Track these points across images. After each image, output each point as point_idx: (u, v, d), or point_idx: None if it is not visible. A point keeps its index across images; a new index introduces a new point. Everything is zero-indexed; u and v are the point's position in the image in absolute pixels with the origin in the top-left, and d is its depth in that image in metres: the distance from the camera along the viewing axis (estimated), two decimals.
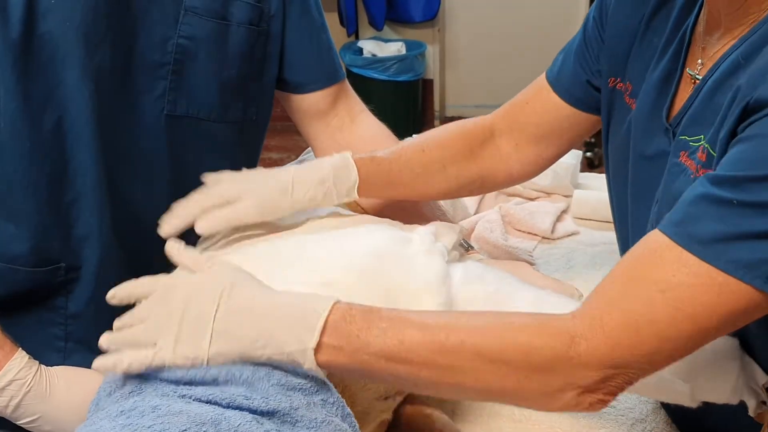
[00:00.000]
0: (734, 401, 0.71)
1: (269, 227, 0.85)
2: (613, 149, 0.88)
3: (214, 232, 0.81)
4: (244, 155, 1.00)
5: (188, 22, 0.88)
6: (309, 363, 0.62)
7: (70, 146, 0.83)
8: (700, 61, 0.73)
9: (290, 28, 0.98)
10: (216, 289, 0.65)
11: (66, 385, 0.80)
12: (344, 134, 1.05)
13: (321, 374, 0.64)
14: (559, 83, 0.94)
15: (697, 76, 0.73)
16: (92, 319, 0.89)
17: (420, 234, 0.79)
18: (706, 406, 0.79)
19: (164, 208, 0.92)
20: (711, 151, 0.65)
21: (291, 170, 0.84)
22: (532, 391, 0.61)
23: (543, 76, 0.97)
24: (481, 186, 1.00)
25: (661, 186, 0.73)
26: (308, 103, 1.03)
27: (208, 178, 0.84)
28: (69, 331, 0.89)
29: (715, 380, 0.70)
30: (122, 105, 0.86)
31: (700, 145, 0.67)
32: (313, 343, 0.61)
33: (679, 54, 0.76)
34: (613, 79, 0.87)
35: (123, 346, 0.66)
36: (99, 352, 0.85)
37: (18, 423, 0.79)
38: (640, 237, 0.77)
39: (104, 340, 0.68)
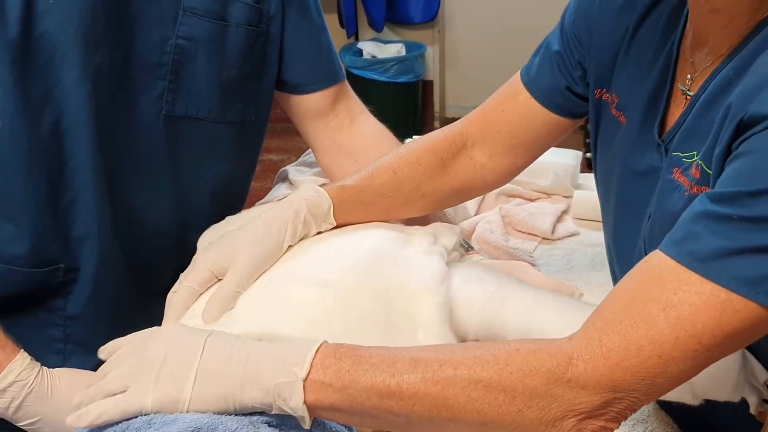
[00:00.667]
0: (735, 398, 0.70)
1: None
2: (602, 160, 0.87)
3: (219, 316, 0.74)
4: (243, 156, 1.00)
5: (187, 23, 0.88)
6: (296, 399, 0.59)
7: (69, 147, 0.83)
8: (689, 76, 0.72)
9: (289, 30, 0.98)
10: (200, 335, 0.63)
11: (67, 387, 0.80)
12: (344, 135, 1.05)
13: (305, 416, 0.60)
14: (537, 89, 0.91)
15: (688, 93, 0.72)
16: (91, 320, 0.89)
17: (419, 234, 0.79)
18: (708, 404, 0.79)
19: (163, 208, 0.92)
20: (705, 168, 0.64)
21: (261, 216, 0.80)
22: (531, 421, 0.58)
23: (518, 79, 0.94)
24: (458, 199, 0.98)
25: (653, 202, 0.73)
26: (308, 104, 1.03)
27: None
28: (68, 332, 0.89)
29: (715, 377, 0.70)
30: (121, 105, 0.86)
31: (693, 162, 0.66)
32: (303, 374, 0.59)
33: (667, 68, 0.75)
34: (599, 90, 0.86)
35: (96, 398, 0.63)
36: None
37: (18, 425, 0.79)
38: (625, 251, 0.77)
39: (77, 399, 0.64)
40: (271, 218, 0.78)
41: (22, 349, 0.80)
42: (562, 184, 1.38)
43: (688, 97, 0.72)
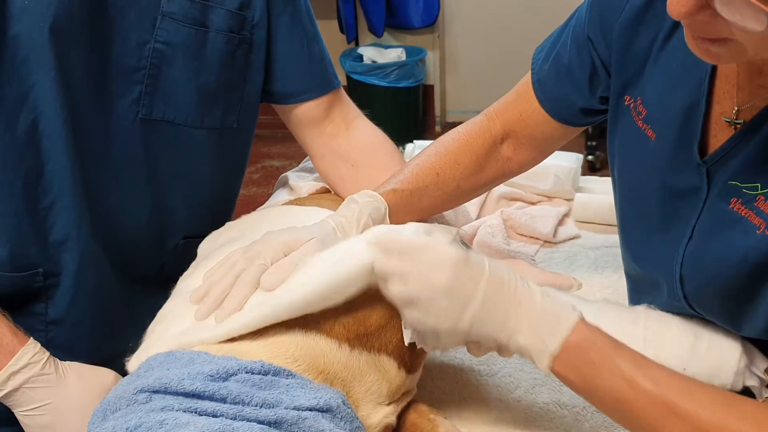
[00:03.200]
0: (738, 387, 0.71)
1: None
2: (626, 171, 0.86)
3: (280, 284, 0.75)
4: (225, 163, 1.00)
5: (165, 28, 0.87)
6: (544, 365, 0.65)
7: (46, 149, 0.82)
8: (736, 108, 0.70)
9: (280, 39, 0.97)
10: (482, 262, 0.67)
11: (77, 377, 0.82)
12: (340, 140, 1.04)
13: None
14: (547, 99, 0.94)
15: (736, 122, 0.70)
16: (74, 324, 0.89)
17: (411, 227, 0.79)
18: None
19: (141, 212, 0.92)
20: None
21: (330, 220, 0.83)
22: None
23: (529, 82, 0.96)
24: (487, 190, 1.04)
25: (695, 224, 0.72)
26: (302, 112, 1.03)
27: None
28: (50, 337, 0.89)
29: (716, 366, 0.70)
30: (97, 108, 0.86)
31: (758, 194, 0.66)
32: (555, 350, 0.64)
33: (700, 87, 0.73)
34: (628, 97, 0.84)
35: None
36: (82, 357, 0.86)
37: (22, 410, 0.80)
38: (652, 262, 0.77)
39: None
40: (340, 219, 0.83)
41: (32, 337, 0.81)
42: (564, 187, 1.38)
43: (737, 125, 0.70)
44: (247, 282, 0.72)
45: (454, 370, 0.96)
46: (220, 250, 0.83)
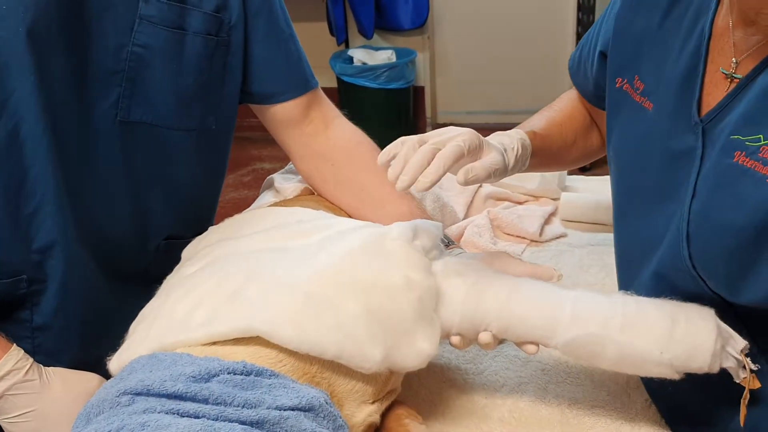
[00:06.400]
0: (715, 368, 0.72)
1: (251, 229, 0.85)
2: (621, 149, 0.89)
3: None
4: (204, 164, 1.00)
5: (143, 31, 0.87)
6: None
7: (28, 155, 0.82)
8: (734, 60, 0.72)
9: (256, 41, 0.98)
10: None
11: (61, 382, 0.82)
12: (320, 140, 1.05)
13: None
14: (584, 93, 1.04)
15: (734, 75, 0.72)
16: (60, 330, 0.89)
17: (398, 229, 0.80)
18: (692, 395, 0.80)
19: (124, 215, 0.92)
20: None
21: (491, 139, 0.87)
22: None
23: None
24: (584, 163, 1.10)
25: (698, 181, 0.73)
26: (281, 113, 1.03)
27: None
28: (36, 344, 0.89)
29: (692, 347, 0.71)
30: (77, 112, 0.86)
31: (761, 146, 0.66)
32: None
33: (699, 49, 0.76)
34: (619, 79, 0.87)
35: None
36: (69, 362, 0.86)
37: (6, 417, 0.79)
38: (656, 236, 0.78)
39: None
40: (502, 138, 0.88)
41: (15, 344, 0.81)
42: (550, 186, 1.38)
43: (735, 79, 0.72)
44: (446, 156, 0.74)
45: (441, 369, 0.96)
46: (204, 252, 0.84)
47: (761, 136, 0.67)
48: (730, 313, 0.75)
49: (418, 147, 0.75)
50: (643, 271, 0.83)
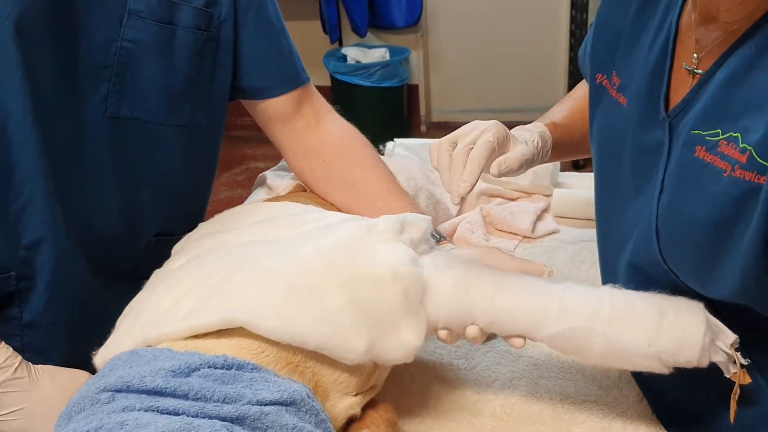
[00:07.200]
0: (704, 363, 0.71)
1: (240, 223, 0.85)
2: (600, 144, 0.90)
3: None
4: (194, 160, 1.00)
5: (132, 26, 0.87)
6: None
7: (15, 151, 0.81)
8: (696, 55, 0.73)
9: (246, 36, 0.97)
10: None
11: (50, 380, 0.81)
12: (311, 136, 1.04)
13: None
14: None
15: (696, 71, 0.73)
16: (49, 327, 0.88)
17: (385, 222, 0.80)
18: (684, 392, 0.80)
19: (114, 211, 0.92)
20: (756, 155, 0.63)
21: (515, 132, 0.89)
22: None
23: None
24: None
25: (665, 176, 0.74)
26: (272, 108, 1.03)
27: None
28: (25, 341, 0.88)
29: (681, 341, 0.71)
30: (66, 107, 0.85)
31: (719, 140, 0.67)
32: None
33: (666, 45, 0.77)
34: (600, 75, 0.89)
35: None
36: (59, 359, 0.85)
37: None
38: (632, 230, 0.79)
39: None
40: (523, 133, 0.90)
41: (3, 342, 0.81)
42: (542, 183, 1.39)
43: (696, 75, 0.73)
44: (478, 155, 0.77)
45: (433, 365, 0.97)
46: (192, 246, 0.84)
47: (719, 130, 0.67)
48: (719, 312, 0.75)
49: (451, 151, 0.79)
50: (620, 264, 0.83)
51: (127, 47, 0.87)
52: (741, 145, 0.65)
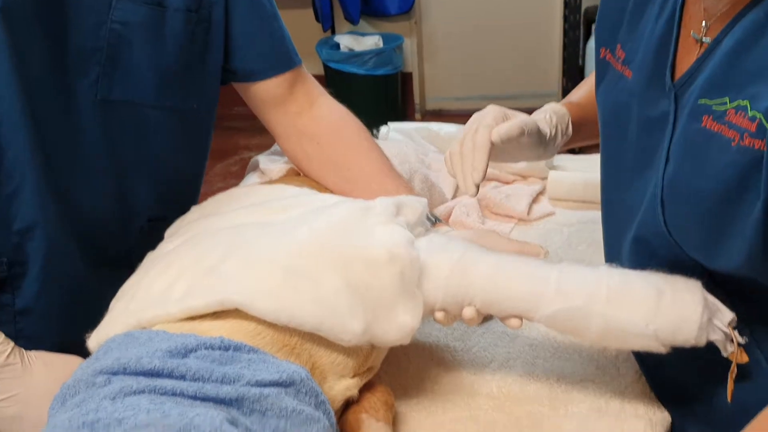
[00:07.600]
0: (702, 341, 0.71)
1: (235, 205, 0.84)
2: (605, 119, 0.89)
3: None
4: (186, 144, 0.99)
5: (121, 8, 0.86)
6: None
7: (5, 136, 0.81)
8: (704, 23, 0.72)
9: (237, 18, 0.97)
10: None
11: (44, 366, 0.80)
12: (304, 119, 1.04)
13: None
14: None
15: (704, 39, 0.72)
16: (43, 313, 0.88)
17: (381, 205, 0.79)
18: (683, 369, 0.80)
19: (106, 195, 0.91)
20: (764, 121, 0.62)
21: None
22: None
23: None
24: None
25: (671, 147, 0.73)
26: (264, 91, 1.02)
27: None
28: (19, 328, 0.87)
29: (679, 320, 0.70)
30: (56, 91, 0.84)
31: (727, 109, 0.66)
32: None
33: (673, 14, 0.76)
34: (603, 49, 0.88)
35: None
36: (52, 346, 0.85)
37: None
38: (638, 203, 0.78)
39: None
40: (537, 114, 0.91)
41: None
42: (538, 165, 1.38)
43: (704, 44, 0.72)
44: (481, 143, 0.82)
45: (430, 347, 0.96)
46: (185, 228, 0.83)
47: (727, 99, 0.66)
48: (721, 286, 0.74)
49: (462, 150, 0.83)
50: (626, 237, 0.83)
51: (116, 29, 0.86)
52: (750, 113, 0.63)
